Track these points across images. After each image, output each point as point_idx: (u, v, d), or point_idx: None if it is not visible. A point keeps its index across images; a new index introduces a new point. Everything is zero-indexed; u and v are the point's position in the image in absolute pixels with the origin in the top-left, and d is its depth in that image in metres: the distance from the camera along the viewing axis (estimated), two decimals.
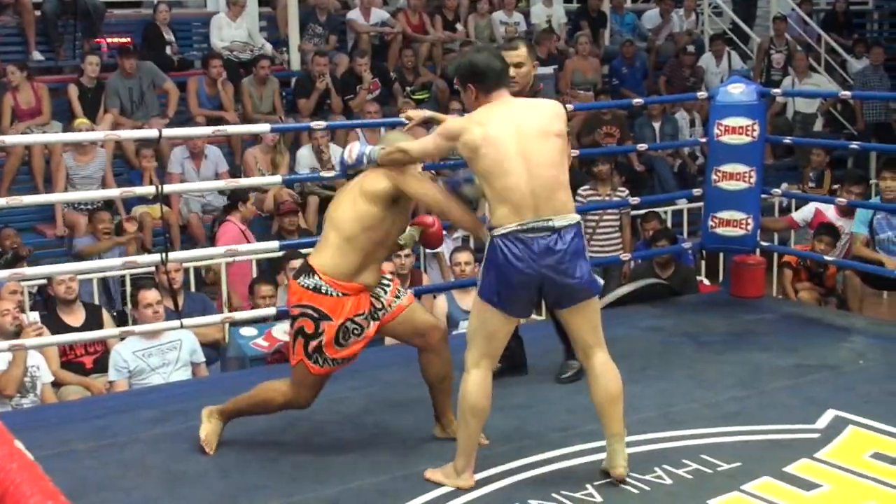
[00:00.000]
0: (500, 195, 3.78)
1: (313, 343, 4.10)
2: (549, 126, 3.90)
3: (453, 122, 4.08)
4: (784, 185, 10.34)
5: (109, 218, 7.98)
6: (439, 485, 3.95)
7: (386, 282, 4.29)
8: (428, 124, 5.04)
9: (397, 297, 4.29)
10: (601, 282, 4.08)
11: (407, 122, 5.02)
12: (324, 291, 4.06)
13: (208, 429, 4.32)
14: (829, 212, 8.03)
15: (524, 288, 3.81)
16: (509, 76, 4.20)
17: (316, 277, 4.07)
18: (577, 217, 3.88)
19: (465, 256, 7.09)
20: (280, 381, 4.28)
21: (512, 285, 3.79)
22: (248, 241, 7.85)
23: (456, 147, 3.93)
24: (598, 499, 3.85)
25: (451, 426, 4.31)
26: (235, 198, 8.31)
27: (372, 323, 4.20)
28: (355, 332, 4.13)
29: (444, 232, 7.99)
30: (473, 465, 3.96)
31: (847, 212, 7.64)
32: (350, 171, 4.26)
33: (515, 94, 5.13)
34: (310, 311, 4.08)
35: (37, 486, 1.46)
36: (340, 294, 4.07)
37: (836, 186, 10.13)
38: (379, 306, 4.22)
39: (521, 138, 3.82)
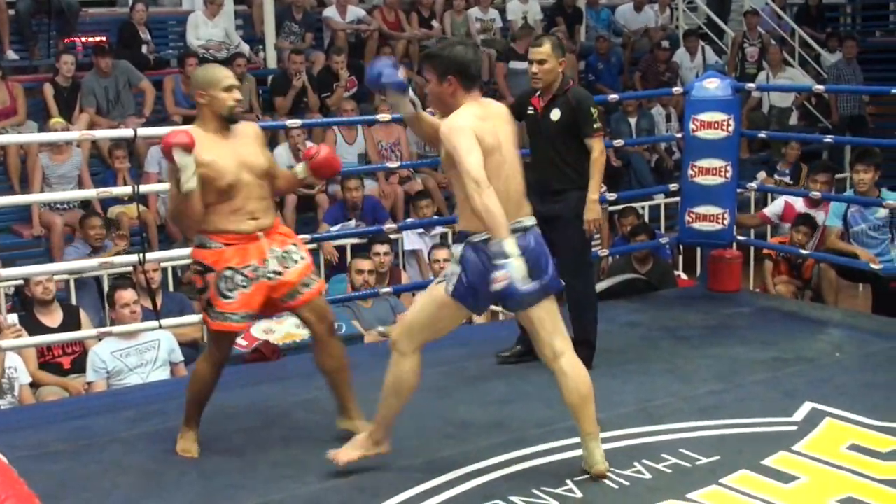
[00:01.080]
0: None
1: (204, 297, 4.20)
2: (513, 127, 4.01)
3: (467, 126, 3.78)
4: (761, 174, 10.43)
5: (101, 224, 7.91)
6: (417, 478, 3.95)
7: (295, 254, 4.26)
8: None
9: (306, 284, 4.28)
10: (562, 282, 4.08)
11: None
12: (205, 245, 4.16)
13: (182, 444, 4.34)
14: (798, 204, 8.10)
15: (490, 292, 3.78)
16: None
17: (200, 235, 4.19)
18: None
19: (443, 254, 7.10)
20: (198, 360, 4.45)
21: (484, 289, 3.77)
22: None
23: None
24: (578, 494, 3.87)
25: (358, 419, 4.36)
26: None
27: (263, 281, 4.16)
28: (241, 283, 4.13)
29: (422, 230, 8.05)
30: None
31: (815, 202, 7.70)
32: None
33: (542, 91, 5.20)
34: (197, 267, 4.21)
35: (11, 489, 1.45)
36: (222, 245, 4.14)
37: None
38: (278, 270, 4.20)
39: (504, 143, 3.89)
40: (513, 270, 3.59)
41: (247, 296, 4.15)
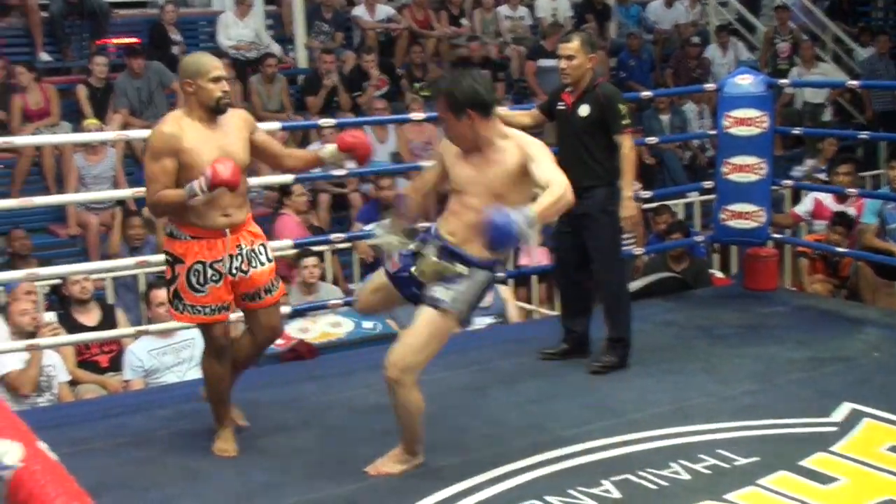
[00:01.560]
0: None
1: (171, 288, 4.17)
2: None
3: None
4: (810, 162, 10.29)
5: (141, 223, 7.97)
6: (452, 478, 3.95)
7: (262, 255, 4.24)
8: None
9: (268, 290, 4.29)
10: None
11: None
12: (175, 235, 4.13)
13: (219, 444, 4.33)
14: (828, 200, 8.05)
15: None
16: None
17: (170, 225, 4.17)
18: None
19: None
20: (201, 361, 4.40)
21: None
22: (304, 232, 8.04)
23: None
24: (615, 494, 3.85)
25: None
26: (284, 191, 8.40)
27: (228, 277, 4.14)
28: (213, 278, 4.11)
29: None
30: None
31: (843, 198, 7.64)
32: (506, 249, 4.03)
33: (571, 87, 5.20)
34: (168, 257, 4.18)
35: (62, 487, 1.46)
36: (189, 237, 4.10)
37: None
38: (243, 268, 4.16)
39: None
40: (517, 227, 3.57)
41: (217, 290, 4.13)
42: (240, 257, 4.15)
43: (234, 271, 4.15)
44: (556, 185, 3.78)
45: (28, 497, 1.47)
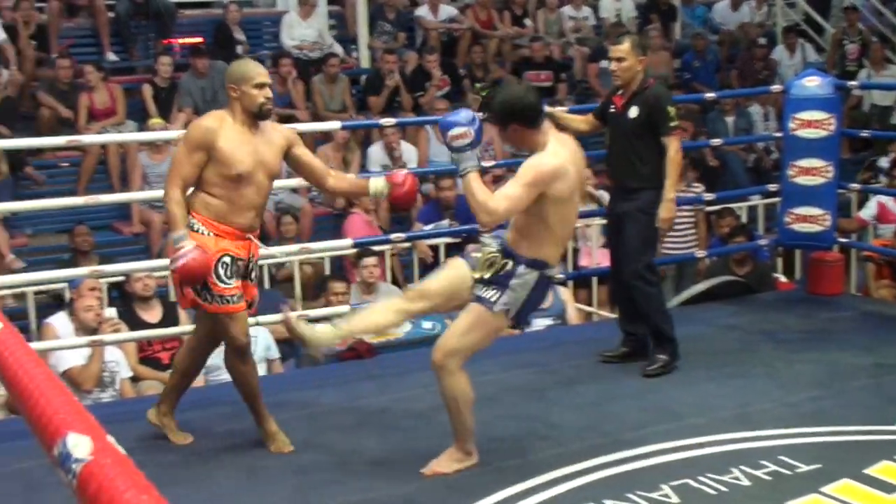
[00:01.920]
0: (560, 239, 4.02)
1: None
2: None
3: (548, 166, 3.86)
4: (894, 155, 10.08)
5: None
6: (511, 479, 3.93)
7: (253, 274, 4.35)
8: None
9: (251, 305, 4.37)
10: None
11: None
12: (196, 230, 4.14)
13: (275, 444, 4.34)
14: (891, 203, 7.92)
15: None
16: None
17: (191, 217, 4.18)
18: None
19: None
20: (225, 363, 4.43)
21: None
22: (373, 231, 8.17)
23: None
24: (675, 499, 3.81)
25: (168, 415, 4.48)
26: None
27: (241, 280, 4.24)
28: (236, 271, 4.18)
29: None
30: None
31: None
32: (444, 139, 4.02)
33: (622, 89, 5.20)
34: None
35: (131, 481, 1.47)
36: (212, 234, 4.15)
37: None
38: (253, 276, 4.32)
39: (577, 187, 4.02)
40: (462, 146, 3.85)
41: (239, 285, 4.22)
42: (251, 263, 4.30)
43: (246, 274, 4.27)
44: (490, 200, 3.83)
45: (98, 490, 1.47)
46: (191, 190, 4.21)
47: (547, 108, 5.31)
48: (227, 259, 4.15)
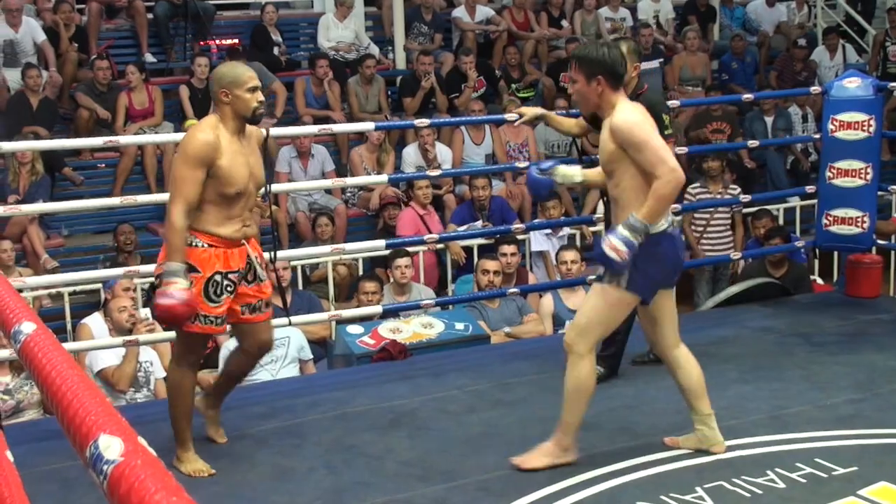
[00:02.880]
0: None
1: None
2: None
3: (642, 122, 3.91)
4: None
5: None
6: (543, 481, 3.91)
7: (261, 272, 4.22)
8: (539, 121, 5.05)
9: (268, 304, 4.31)
10: None
11: (517, 117, 5.11)
12: (192, 244, 4.00)
13: (191, 466, 4.15)
14: None
15: (667, 279, 4.04)
16: None
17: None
18: None
19: (571, 255, 7.03)
20: (168, 368, 4.37)
21: (660, 280, 3.99)
22: (427, 225, 8.24)
23: None
24: (709, 501, 3.78)
25: (212, 411, 4.42)
26: (409, 184, 8.67)
27: (244, 286, 4.15)
28: (228, 288, 4.06)
29: (549, 231, 8.04)
30: None
31: None
32: (624, 267, 3.92)
33: None
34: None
35: (161, 482, 1.47)
36: (206, 245, 4.02)
37: None
38: (250, 279, 4.18)
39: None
40: (624, 247, 3.79)
41: (229, 301, 4.10)
42: (250, 268, 4.17)
43: (250, 279, 4.18)
44: (663, 170, 3.81)
45: (128, 491, 1.47)
46: None
47: (540, 111, 5.36)
48: (217, 277, 4.03)
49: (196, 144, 3.97)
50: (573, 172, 4.36)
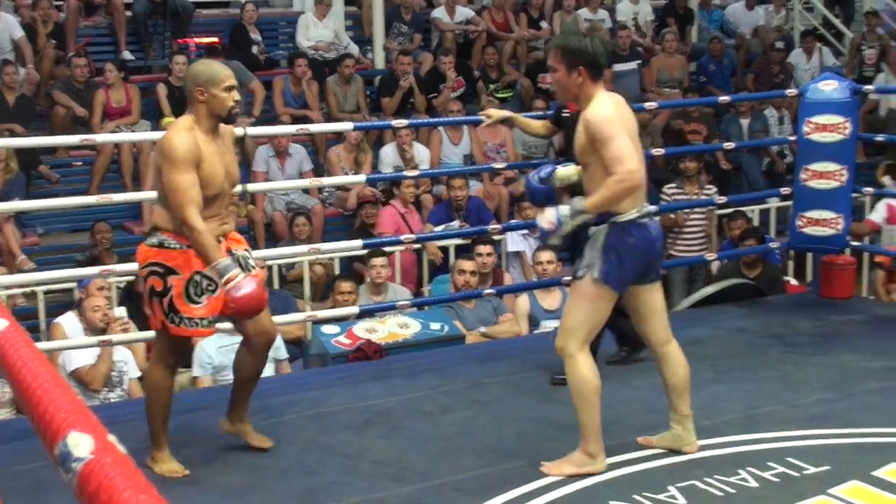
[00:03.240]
0: None
1: (165, 300, 3.95)
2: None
3: (612, 118, 3.87)
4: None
5: None
6: (517, 480, 3.92)
7: (251, 260, 4.15)
8: (506, 123, 5.03)
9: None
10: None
11: (485, 119, 5.07)
12: (167, 245, 3.94)
13: (166, 466, 4.12)
14: None
15: (639, 270, 3.97)
16: None
17: (159, 234, 3.97)
18: None
19: (547, 256, 7.05)
20: (147, 368, 4.25)
21: (632, 269, 3.94)
22: (408, 223, 8.29)
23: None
24: (681, 500, 3.80)
25: (242, 424, 4.33)
26: (393, 182, 8.70)
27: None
28: (209, 287, 3.96)
29: (527, 231, 8.04)
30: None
31: None
32: (556, 239, 4.06)
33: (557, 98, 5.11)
34: (156, 268, 3.96)
35: (130, 480, 1.47)
36: (185, 247, 3.93)
37: None
38: (246, 270, 4.05)
39: (634, 131, 3.98)
40: (560, 224, 3.85)
41: (214, 300, 3.98)
42: (238, 261, 4.05)
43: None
44: (618, 168, 3.82)
45: (97, 489, 1.47)
46: (154, 205, 4.04)
47: (507, 113, 5.32)
48: (197, 277, 3.95)
49: (182, 149, 3.88)
50: (570, 172, 4.32)
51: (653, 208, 4.04)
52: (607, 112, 3.88)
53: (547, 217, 3.90)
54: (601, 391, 3.97)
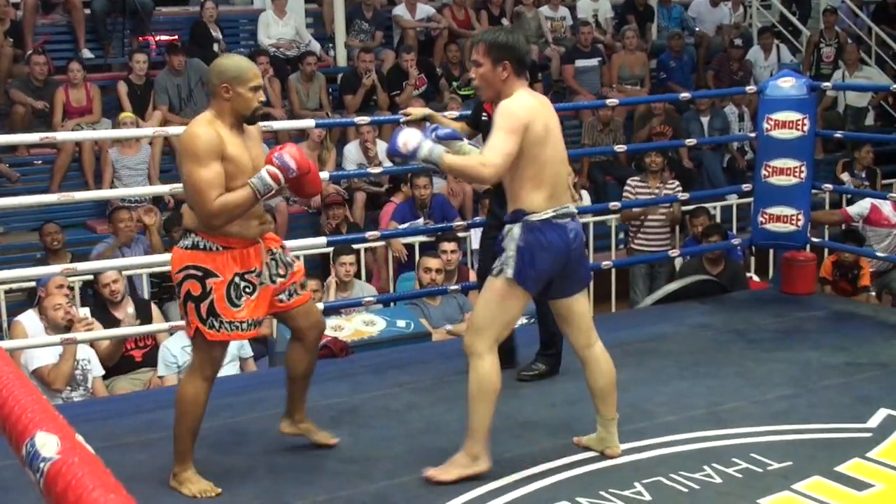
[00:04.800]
0: (538, 182, 3.88)
1: (204, 305, 3.81)
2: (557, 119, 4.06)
3: (517, 114, 3.83)
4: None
5: (129, 217, 7.94)
6: (486, 478, 3.94)
7: (289, 257, 4.06)
8: (427, 121, 4.92)
9: (303, 286, 4.11)
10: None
11: (404, 117, 5.03)
12: (203, 247, 3.80)
13: (196, 486, 3.98)
14: (887, 207, 7.95)
15: (553, 271, 3.93)
16: None
17: (193, 236, 3.82)
18: None
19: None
20: (182, 380, 4.13)
21: (545, 269, 3.89)
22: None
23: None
24: (647, 497, 3.82)
25: (303, 423, 4.28)
26: (396, 181, 8.69)
27: (269, 285, 3.93)
28: (247, 290, 3.84)
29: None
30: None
31: None
32: (398, 160, 4.13)
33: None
34: (193, 271, 3.81)
35: (99, 480, 1.46)
36: (221, 248, 3.81)
37: (887, 182, 10.01)
38: (282, 272, 3.97)
39: (554, 131, 3.95)
40: (412, 156, 3.82)
41: (253, 302, 3.87)
42: (275, 263, 3.96)
43: (273, 278, 3.95)
44: (478, 156, 3.84)
45: (65, 489, 1.47)
46: (184, 207, 3.91)
47: (427, 111, 5.25)
48: (236, 280, 3.82)
49: (199, 140, 3.72)
50: (467, 151, 4.04)
51: (573, 209, 3.98)
52: (518, 106, 3.84)
53: (408, 139, 3.81)
54: (568, 389, 4.01)
